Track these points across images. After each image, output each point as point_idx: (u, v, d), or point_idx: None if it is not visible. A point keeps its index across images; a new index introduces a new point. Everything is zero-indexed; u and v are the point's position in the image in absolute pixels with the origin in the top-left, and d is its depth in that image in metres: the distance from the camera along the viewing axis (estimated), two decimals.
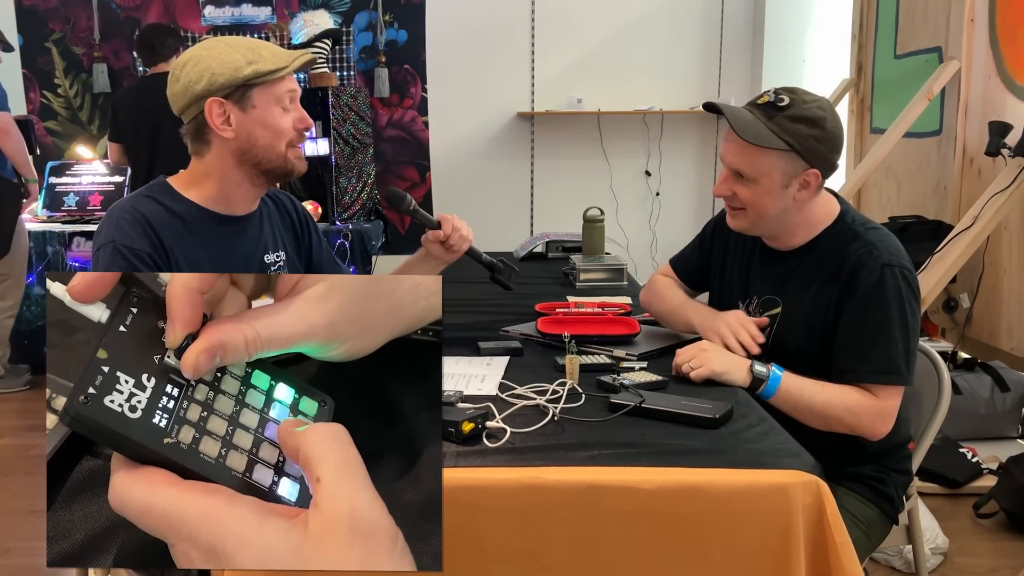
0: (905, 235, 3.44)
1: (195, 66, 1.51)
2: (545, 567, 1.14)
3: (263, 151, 1.54)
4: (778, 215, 1.57)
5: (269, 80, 1.51)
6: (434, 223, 1.81)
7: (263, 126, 1.53)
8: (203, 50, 1.52)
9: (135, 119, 3.82)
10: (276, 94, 1.53)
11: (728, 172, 1.58)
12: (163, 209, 1.53)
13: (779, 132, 1.50)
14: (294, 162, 1.58)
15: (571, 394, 1.42)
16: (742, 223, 1.62)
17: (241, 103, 1.51)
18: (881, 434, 1.51)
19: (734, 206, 1.60)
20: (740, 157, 1.54)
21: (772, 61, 5.17)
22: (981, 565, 2.40)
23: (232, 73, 1.49)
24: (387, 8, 5.13)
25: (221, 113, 1.51)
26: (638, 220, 5.45)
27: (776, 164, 1.52)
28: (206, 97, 1.50)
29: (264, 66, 1.51)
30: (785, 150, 1.50)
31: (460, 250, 1.83)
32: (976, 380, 3.11)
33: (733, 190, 1.57)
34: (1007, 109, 3.28)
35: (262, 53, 1.52)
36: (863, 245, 1.54)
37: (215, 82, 1.49)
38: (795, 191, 1.54)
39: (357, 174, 4.63)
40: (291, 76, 1.56)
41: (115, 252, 1.46)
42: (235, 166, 1.56)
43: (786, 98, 1.51)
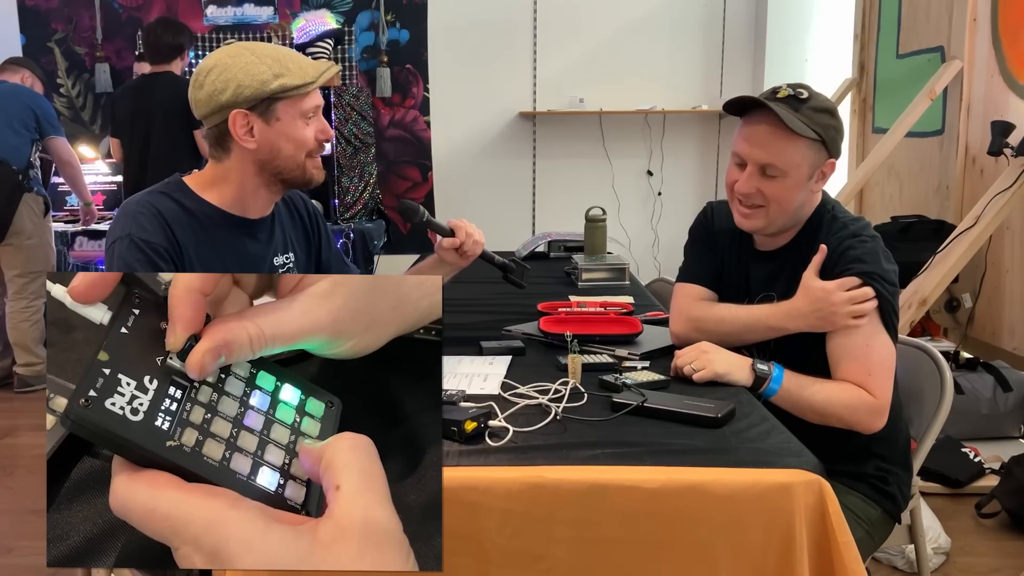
0: (907, 235, 3.44)
1: (220, 74, 1.48)
2: (548, 568, 1.14)
3: (284, 162, 1.54)
4: (795, 210, 1.59)
5: (295, 95, 1.51)
6: (447, 231, 1.82)
7: (286, 139, 1.52)
8: (229, 58, 1.50)
9: (131, 116, 3.88)
10: (301, 109, 1.52)
11: (753, 169, 1.56)
12: (178, 206, 1.53)
13: (808, 123, 1.52)
14: (312, 172, 1.58)
15: (573, 393, 1.42)
16: (758, 223, 1.60)
17: (265, 116, 1.50)
18: (876, 428, 1.52)
19: (754, 204, 1.58)
20: (770, 150, 1.53)
21: (774, 61, 5.17)
22: (983, 565, 2.40)
23: (259, 86, 1.47)
24: (389, 8, 5.14)
25: (245, 124, 1.50)
26: (640, 220, 5.45)
27: (806, 155, 1.54)
28: (231, 108, 1.48)
29: (291, 80, 1.49)
30: (815, 139, 1.52)
31: (474, 255, 1.84)
32: (978, 380, 3.11)
33: (758, 187, 1.56)
34: (1009, 109, 3.28)
35: (289, 66, 1.50)
36: (840, 228, 1.58)
37: (241, 94, 1.47)
38: (814, 183, 1.57)
39: (359, 174, 4.63)
40: (316, 91, 1.55)
41: (132, 245, 1.45)
42: (254, 174, 1.56)
43: (804, 91, 1.54)
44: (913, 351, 1.80)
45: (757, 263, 1.69)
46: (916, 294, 3.02)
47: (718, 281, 1.74)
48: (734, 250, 1.72)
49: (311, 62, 1.56)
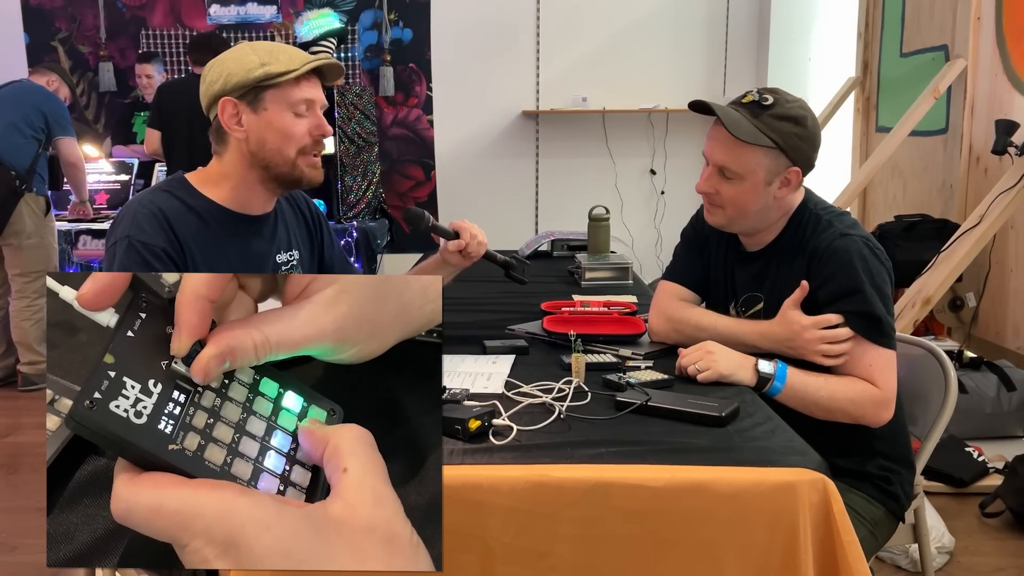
0: (911, 234, 3.44)
1: (217, 67, 1.53)
2: (552, 566, 1.14)
3: (272, 155, 1.54)
4: (757, 212, 1.61)
5: (280, 83, 1.51)
6: (451, 234, 1.83)
7: (272, 129, 1.53)
8: (229, 53, 1.55)
9: (173, 112, 3.98)
10: (289, 99, 1.52)
11: (712, 169, 1.61)
12: (181, 204, 1.54)
13: (765, 130, 1.54)
14: (304, 170, 1.57)
15: (577, 392, 1.42)
16: (719, 219, 1.65)
17: (253, 104, 1.52)
18: (883, 420, 1.52)
19: (714, 203, 1.63)
20: (727, 154, 1.57)
21: (777, 59, 5.17)
22: (987, 564, 2.40)
23: (244, 74, 1.50)
24: (392, 7, 5.14)
25: (234, 113, 1.52)
26: (643, 218, 5.45)
27: (761, 161, 1.55)
28: (221, 96, 1.52)
29: (275, 68, 1.51)
30: (771, 147, 1.54)
31: (478, 256, 1.86)
32: (982, 379, 3.11)
33: (717, 187, 1.60)
34: (1014, 107, 3.27)
35: (279, 56, 1.52)
36: (825, 227, 1.59)
37: (229, 82, 1.51)
38: (776, 189, 1.59)
39: (362, 173, 4.64)
40: (311, 84, 1.55)
41: (130, 248, 1.47)
42: (248, 168, 1.56)
43: (770, 97, 1.55)
44: (917, 350, 1.80)
45: (742, 264, 1.71)
46: (920, 293, 3.01)
47: (704, 283, 1.79)
48: (721, 251, 1.76)
49: (302, 53, 1.56)
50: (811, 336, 1.52)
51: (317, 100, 1.56)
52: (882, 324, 1.52)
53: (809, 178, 1.64)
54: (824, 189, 1.84)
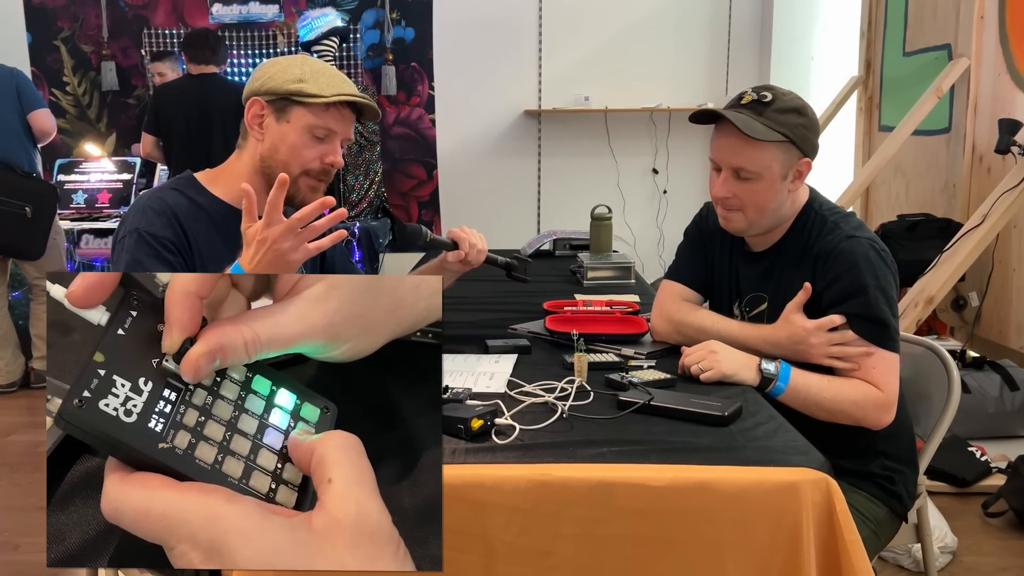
0: (914, 233, 3.43)
1: (268, 66, 1.59)
2: (554, 566, 1.14)
3: (278, 165, 1.55)
4: (774, 210, 1.60)
5: (309, 103, 1.54)
6: (450, 245, 1.85)
7: (286, 142, 1.55)
8: (284, 58, 1.61)
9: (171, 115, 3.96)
10: (312, 121, 1.55)
11: (727, 173, 1.59)
12: (188, 201, 1.57)
13: (774, 125, 1.54)
14: (303, 190, 1.57)
15: (580, 392, 1.42)
16: (739, 224, 1.63)
17: (278, 113, 1.56)
18: (885, 423, 1.52)
19: (732, 207, 1.61)
20: (742, 155, 1.56)
21: (780, 58, 5.16)
22: (990, 564, 2.40)
23: (282, 82, 1.55)
24: (394, 6, 5.14)
25: (259, 114, 1.57)
26: (645, 218, 5.45)
27: (775, 156, 1.55)
28: (255, 94, 1.56)
29: (310, 88, 1.54)
30: (782, 141, 1.55)
31: (478, 263, 1.88)
32: (985, 379, 3.11)
33: (734, 191, 1.59)
34: (1017, 106, 3.26)
35: (319, 79, 1.55)
36: (831, 228, 1.59)
37: (266, 84, 1.56)
38: (790, 183, 1.59)
39: (364, 172, 4.64)
40: (341, 115, 1.56)
41: (140, 239, 1.49)
42: (255, 172, 1.58)
43: (768, 94, 1.56)
44: (920, 350, 1.80)
45: (747, 263, 1.71)
46: (923, 292, 3.01)
47: (708, 283, 1.78)
48: (725, 251, 1.75)
49: (345, 86, 1.58)
50: (816, 340, 1.52)
51: (340, 133, 1.58)
52: (886, 327, 1.52)
53: (812, 177, 1.64)
54: (827, 188, 1.83)
